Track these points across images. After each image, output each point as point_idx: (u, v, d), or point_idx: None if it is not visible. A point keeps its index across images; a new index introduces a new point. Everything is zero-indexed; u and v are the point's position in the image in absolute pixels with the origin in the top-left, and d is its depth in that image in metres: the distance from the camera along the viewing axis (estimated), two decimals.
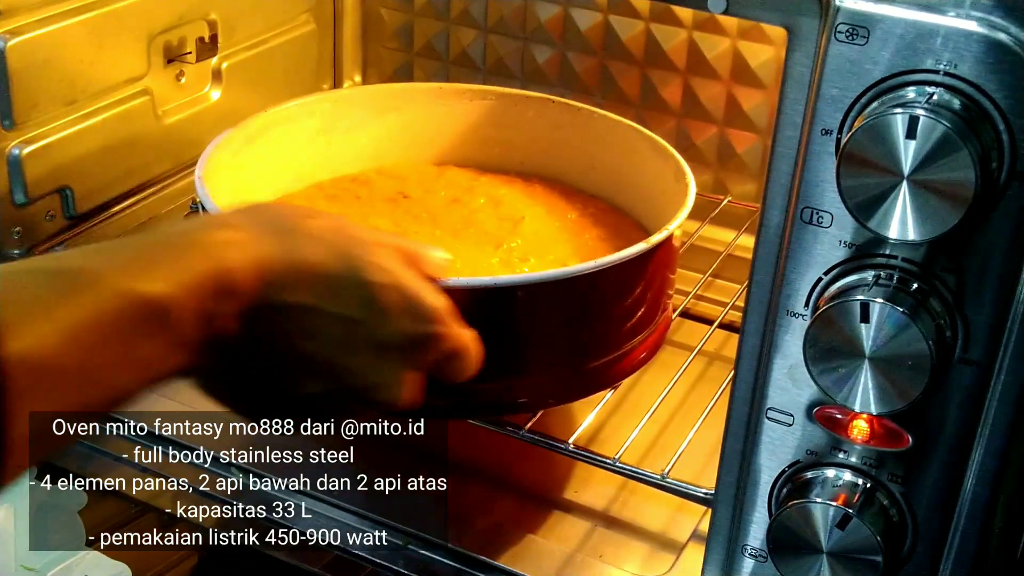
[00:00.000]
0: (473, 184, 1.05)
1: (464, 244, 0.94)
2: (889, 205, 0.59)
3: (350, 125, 1.06)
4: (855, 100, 0.61)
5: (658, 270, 0.87)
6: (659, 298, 0.89)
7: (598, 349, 0.86)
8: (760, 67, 1.13)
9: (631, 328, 0.86)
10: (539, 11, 1.22)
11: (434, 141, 1.09)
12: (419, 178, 1.05)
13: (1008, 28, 0.58)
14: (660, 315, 0.90)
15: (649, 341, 0.89)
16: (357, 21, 1.32)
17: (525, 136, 1.08)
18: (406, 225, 0.97)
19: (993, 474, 0.65)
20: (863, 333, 0.62)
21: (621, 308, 0.85)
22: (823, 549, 0.68)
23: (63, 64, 1.00)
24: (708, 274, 1.09)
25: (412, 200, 1.02)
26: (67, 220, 1.05)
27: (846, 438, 0.68)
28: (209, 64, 1.16)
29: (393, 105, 1.07)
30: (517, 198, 1.03)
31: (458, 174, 1.07)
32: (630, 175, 1.02)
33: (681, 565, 0.85)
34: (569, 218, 1.01)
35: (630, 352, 0.88)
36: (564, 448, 0.86)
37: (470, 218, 0.99)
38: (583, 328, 0.84)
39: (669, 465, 0.84)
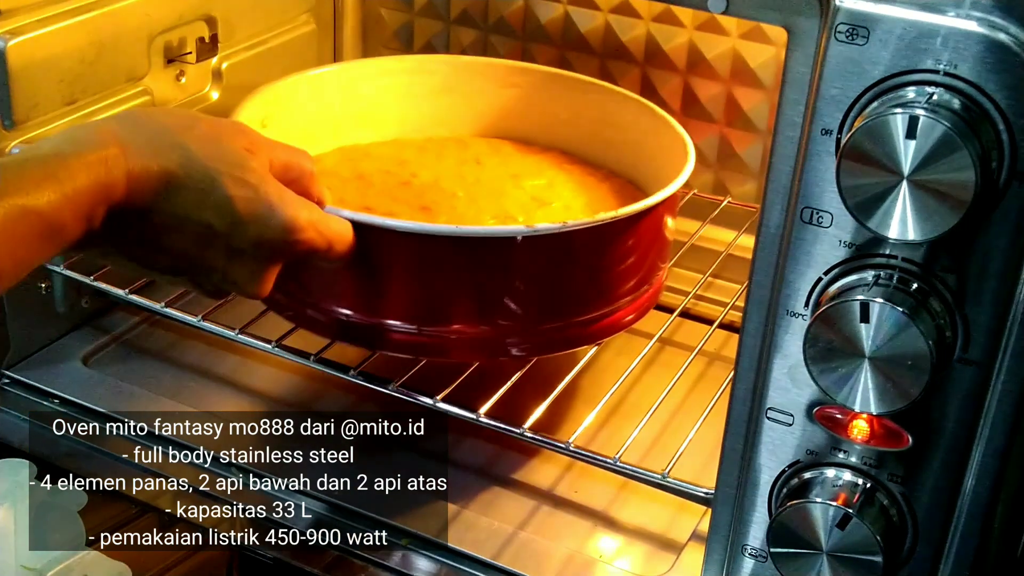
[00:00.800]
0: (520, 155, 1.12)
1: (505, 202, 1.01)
2: (889, 205, 0.59)
3: (471, 90, 1.14)
4: (855, 100, 0.61)
5: (659, 229, 0.93)
6: (652, 260, 0.94)
7: (591, 302, 0.91)
8: (760, 67, 1.13)
9: (625, 285, 0.92)
10: (539, 11, 1.22)
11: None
12: (478, 146, 1.13)
13: (1008, 28, 0.58)
14: (653, 277, 0.96)
15: (638, 302, 0.94)
16: (357, 21, 1.32)
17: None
18: (477, 174, 1.06)
19: (993, 474, 0.65)
20: (863, 333, 0.62)
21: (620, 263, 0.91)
22: (823, 549, 0.68)
23: (63, 64, 1.00)
24: (708, 274, 1.09)
25: (482, 167, 1.09)
26: None
27: (846, 438, 0.68)
28: (209, 64, 1.16)
29: (512, 81, 1.14)
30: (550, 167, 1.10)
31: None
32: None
33: (681, 565, 0.85)
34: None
35: (619, 310, 0.93)
36: (564, 448, 0.86)
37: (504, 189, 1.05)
38: (580, 280, 0.89)
39: (669, 465, 0.84)
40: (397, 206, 0.98)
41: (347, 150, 1.10)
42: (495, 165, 1.08)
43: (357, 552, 0.86)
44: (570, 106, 1.11)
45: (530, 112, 1.13)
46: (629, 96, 1.08)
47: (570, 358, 0.96)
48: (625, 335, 0.99)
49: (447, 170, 1.06)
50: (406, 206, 0.98)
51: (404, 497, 0.85)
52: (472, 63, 1.15)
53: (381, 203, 0.99)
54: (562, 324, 0.91)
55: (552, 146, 1.12)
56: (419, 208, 0.98)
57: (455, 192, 1.01)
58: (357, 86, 1.12)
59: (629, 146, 1.07)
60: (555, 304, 0.90)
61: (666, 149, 1.00)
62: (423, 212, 0.98)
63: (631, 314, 0.94)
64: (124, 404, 0.98)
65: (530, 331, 0.90)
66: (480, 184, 1.04)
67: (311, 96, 1.09)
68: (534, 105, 1.13)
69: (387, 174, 1.05)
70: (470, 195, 1.01)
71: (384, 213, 0.95)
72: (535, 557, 0.86)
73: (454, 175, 1.05)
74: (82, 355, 1.04)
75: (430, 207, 0.98)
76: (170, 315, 0.98)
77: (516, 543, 0.87)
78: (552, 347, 0.92)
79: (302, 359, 0.92)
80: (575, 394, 0.99)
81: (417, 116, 1.14)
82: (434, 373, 0.91)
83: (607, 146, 1.09)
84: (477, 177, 1.05)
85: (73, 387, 1.00)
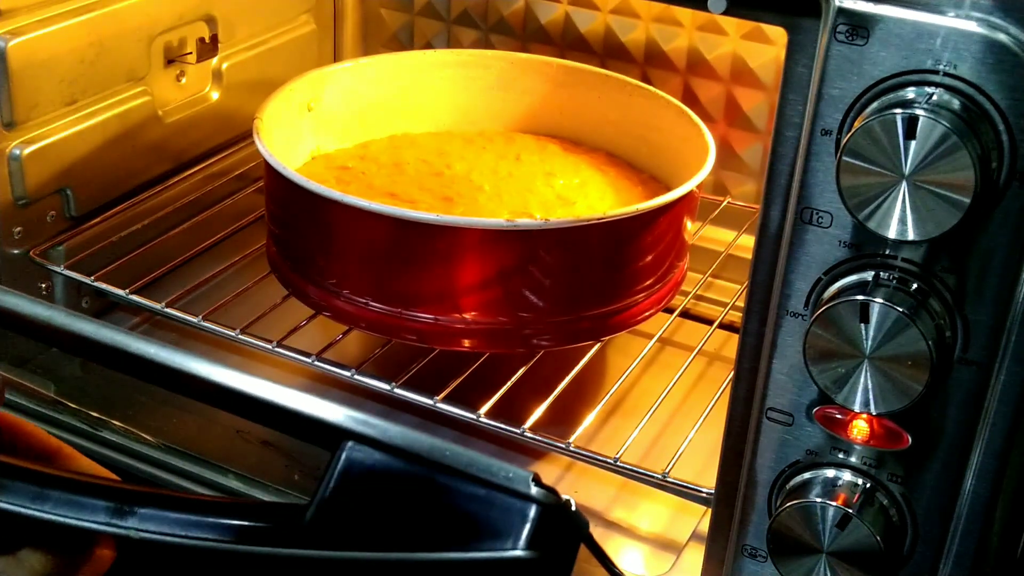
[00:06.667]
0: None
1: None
2: (889, 205, 0.59)
3: (524, 87, 1.16)
4: (855, 100, 0.61)
5: (679, 222, 0.95)
6: (671, 252, 0.96)
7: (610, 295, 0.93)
8: (760, 67, 1.13)
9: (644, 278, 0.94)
10: (539, 11, 1.22)
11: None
12: (524, 142, 1.15)
13: (1008, 28, 0.58)
14: (671, 272, 0.98)
15: (658, 295, 0.97)
16: (357, 21, 1.32)
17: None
18: (511, 169, 1.08)
19: (993, 474, 0.65)
20: (863, 333, 0.62)
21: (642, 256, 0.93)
22: (823, 549, 0.68)
23: (63, 64, 1.00)
24: (708, 274, 1.09)
25: (520, 163, 1.10)
26: (67, 220, 1.05)
27: (846, 438, 0.68)
28: (209, 64, 1.16)
29: (564, 80, 1.15)
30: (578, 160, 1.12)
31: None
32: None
33: (681, 565, 0.85)
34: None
35: (626, 308, 0.95)
36: (564, 448, 0.86)
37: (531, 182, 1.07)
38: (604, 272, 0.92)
39: (669, 465, 0.84)
40: (421, 194, 1.00)
41: (397, 138, 1.13)
42: (534, 162, 1.09)
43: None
44: (618, 108, 1.12)
45: (580, 112, 1.14)
46: (670, 101, 1.08)
47: (570, 358, 0.96)
48: (625, 335, 0.99)
49: (483, 164, 1.07)
50: (429, 195, 1.00)
51: None
52: (527, 60, 1.16)
53: (407, 191, 1.01)
54: (568, 319, 0.92)
55: (599, 147, 1.14)
56: (441, 198, 0.99)
57: (482, 186, 1.03)
58: (412, 76, 1.14)
59: (667, 151, 1.08)
60: (552, 298, 0.91)
61: (695, 155, 1.00)
62: (444, 202, 0.99)
63: (637, 313, 0.95)
64: (124, 404, 0.98)
65: (544, 322, 0.91)
66: (511, 179, 1.05)
67: (365, 83, 1.11)
68: (584, 105, 1.14)
69: (423, 163, 1.07)
70: (496, 189, 1.02)
71: (406, 201, 0.98)
72: None
73: (489, 169, 1.06)
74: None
75: (452, 198, 1.00)
76: (171, 315, 0.98)
77: None
78: (568, 339, 0.94)
79: (303, 359, 0.92)
80: (575, 394, 0.99)
81: (471, 109, 1.16)
82: (434, 373, 0.91)
83: (650, 149, 1.10)
84: (510, 172, 1.06)
85: (72, 389, 1.00)
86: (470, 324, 0.90)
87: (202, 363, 0.53)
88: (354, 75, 1.11)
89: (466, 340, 0.91)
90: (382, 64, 1.13)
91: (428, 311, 0.89)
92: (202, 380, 0.53)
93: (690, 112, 1.05)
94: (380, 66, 1.13)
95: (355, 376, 0.91)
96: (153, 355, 0.54)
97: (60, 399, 0.98)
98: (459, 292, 0.89)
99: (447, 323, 0.90)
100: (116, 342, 0.55)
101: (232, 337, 0.95)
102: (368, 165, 1.06)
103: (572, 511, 0.51)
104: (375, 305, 0.90)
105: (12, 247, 1.00)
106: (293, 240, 0.96)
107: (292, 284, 0.96)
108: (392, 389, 0.90)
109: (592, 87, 1.13)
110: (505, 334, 0.91)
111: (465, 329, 0.90)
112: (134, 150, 1.09)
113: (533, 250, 0.88)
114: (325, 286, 0.93)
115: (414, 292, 0.89)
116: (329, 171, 1.05)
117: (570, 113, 1.15)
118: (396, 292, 0.90)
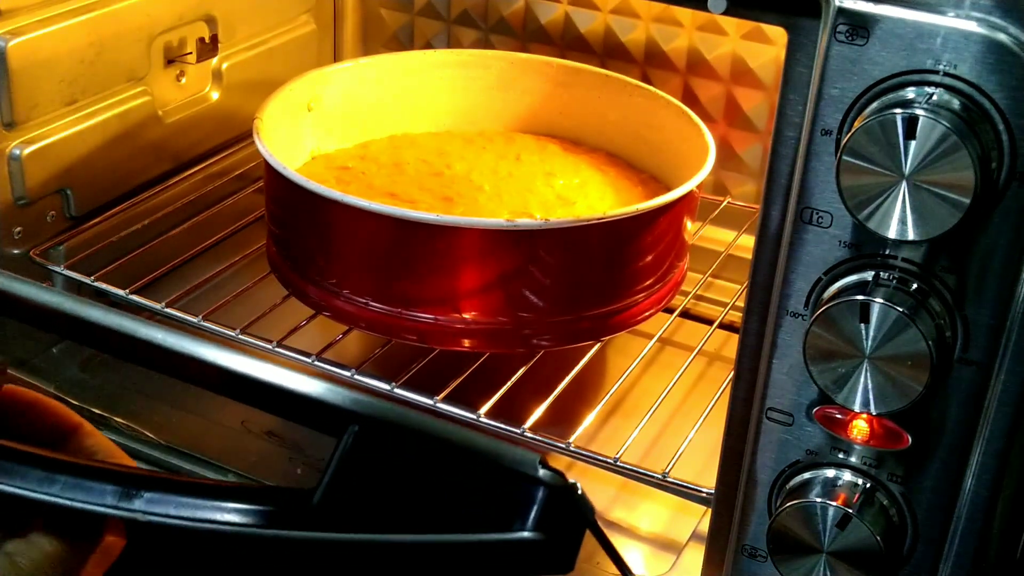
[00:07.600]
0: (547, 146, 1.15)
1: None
2: (889, 205, 0.59)
3: (525, 87, 1.15)
4: (855, 100, 0.61)
5: (679, 222, 0.96)
6: (671, 252, 0.96)
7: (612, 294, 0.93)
8: (760, 67, 1.13)
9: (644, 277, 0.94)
10: (539, 11, 1.22)
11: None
12: (524, 142, 1.15)
13: (1008, 28, 0.58)
14: (670, 272, 0.98)
15: (658, 295, 0.97)
16: (357, 21, 1.32)
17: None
18: (511, 169, 1.08)
19: (993, 474, 0.65)
20: (863, 333, 0.62)
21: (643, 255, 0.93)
22: (823, 549, 0.68)
23: (63, 64, 1.00)
24: (708, 274, 1.09)
25: (520, 163, 1.10)
26: (67, 220, 1.05)
27: (846, 438, 0.68)
28: (209, 64, 1.16)
29: (565, 80, 1.15)
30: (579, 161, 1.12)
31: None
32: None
33: (681, 565, 0.85)
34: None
35: (626, 308, 0.94)
36: (564, 448, 0.86)
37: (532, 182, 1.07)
38: (603, 271, 0.92)
39: (669, 465, 0.84)
40: (421, 194, 1.00)
41: (397, 138, 1.13)
42: (534, 162, 1.09)
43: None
44: (618, 108, 1.12)
45: (580, 112, 1.14)
46: (670, 101, 1.08)
47: (570, 358, 0.96)
48: (625, 335, 0.99)
49: (483, 164, 1.07)
50: (429, 195, 1.00)
51: None
52: (527, 60, 1.16)
53: (407, 191, 1.01)
54: (572, 318, 0.92)
55: (599, 147, 1.14)
56: (441, 198, 0.99)
57: (482, 185, 1.03)
58: (412, 76, 1.14)
59: (667, 151, 1.08)
60: (551, 297, 0.91)
61: (695, 154, 1.00)
62: (444, 202, 0.99)
63: (637, 313, 0.95)
64: (125, 403, 0.98)
65: (544, 322, 0.91)
66: (511, 179, 1.05)
67: (365, 83, 1.11)
68: (585, 105, 1.14)
69: (423, 163, 1.07)
70: (496, 190, 1.02)
71: (406, 200, 0.98)
72: None
73: (489, 169, 1.06)
74: (82, 357, 1.04)
75: (452, 198, 1.00)
76: (171, 315, 0.97)
77: None
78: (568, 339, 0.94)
79: (303, 359, 0.92)
80: (575, 394, 0.99)
81: (471, 109, 1.16)
82: (434, 373, 0.91)
83: (650, 149, 1.10)
84: (510, 172, 1.06)
85: (73, 389, 1.00)
86: (470, 324, 0.90)
87: (211, 348, 0.53)
88: (354, 75, 1.11)
89: (466, 340, 0.91)
90: (382, 64, 1.13)
91: (428, 311, 0.90)
92: (211, 366, 0.53)
93: (690, 112, 1.05)
94: (380, 66, 1.13)
95: (355, 376, 0.91)
96: (161, 340, 0.54)
97: (60, 395, 0.98)
98: (459, 292, 0.89)
99: (447, 323, 0.90)
100: (125, 328, 0.55)
101: (232, 337, 0.95)
102: (368, 165, 1.06)
103: (579, 494, 0.51)
104: (375, 305, 0.91)
105: (12, 247, 1.00)
106: (293, 240, 0.96)
107: (292, 284, 0.96)
108: (392, 389, 0.90)
109: (592, 87, 1.13)
110: (505, 334, 0.91)
111: (465, 329, 0.90)
112: (134, 150, 1.09)
113: (533, 250, 0.88)
114: (325, 286, 0.93)
115: (414, 292, 0.89)
116: (329, 171, 1.05)
117: (570, 113, 1.15)
118: (396, 292, 0.90)
